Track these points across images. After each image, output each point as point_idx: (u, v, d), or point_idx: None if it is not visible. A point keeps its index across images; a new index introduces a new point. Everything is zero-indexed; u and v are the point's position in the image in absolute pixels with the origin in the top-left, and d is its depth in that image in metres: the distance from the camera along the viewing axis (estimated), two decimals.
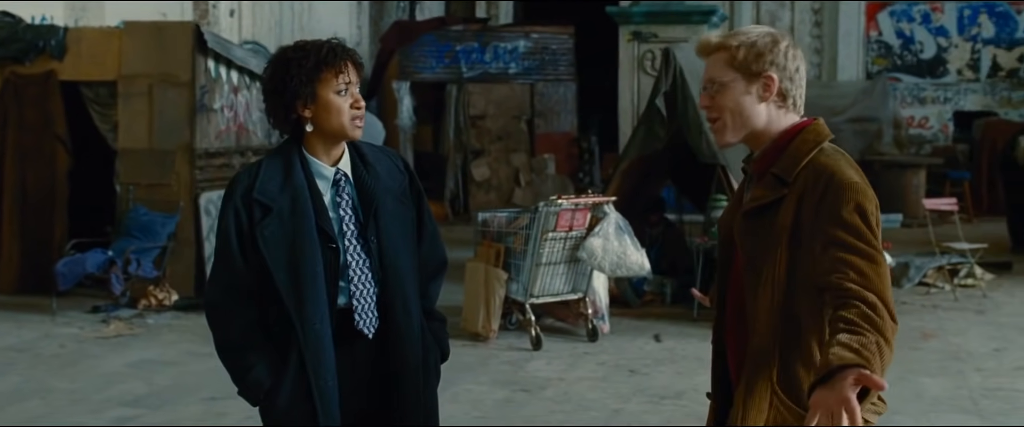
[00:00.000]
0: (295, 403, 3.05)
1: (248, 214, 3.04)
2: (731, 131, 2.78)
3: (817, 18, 19.00)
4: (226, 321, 3.10)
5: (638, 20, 12.94)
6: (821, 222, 2.59)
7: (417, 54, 16.07)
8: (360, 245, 3.12)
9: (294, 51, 3.09)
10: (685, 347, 8.35)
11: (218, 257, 3.12)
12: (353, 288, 3.10)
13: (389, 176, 3.20)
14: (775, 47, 2.73)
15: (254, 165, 3.13)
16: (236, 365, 3.10)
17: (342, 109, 3.04)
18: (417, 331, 3.20)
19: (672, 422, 6.46)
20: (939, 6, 18.58)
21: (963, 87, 18.59)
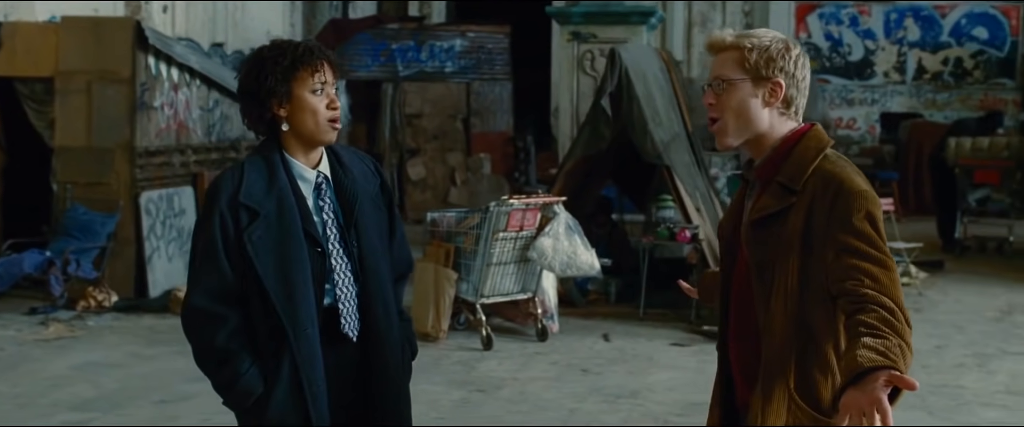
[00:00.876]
0: (288, 408, 3.02)
1: (234, 219, 2.99)
2: (733, 134, 2.80)
3: (748, 20, 19.23)
4: (213, 327, 3.01)
5: (577, 20, 12.96)
6: (833, 230, 2.63)
7: (353, 52, 15.95)
8: (342, 248, 3.11)
9: (270, 50, 3.06)
10: (635, 346, 8.40)
11: (203, 262, 3.03)
12: (338, 291, 3.09)
13: (364, 179, 3.20)
14: (787, 53, 2.76)
15: (237, 168, 3.08)
16: (223, 372, 3.02)
17: (317, 109, 3.02)
18: (396, 333, 3.22)
19: (629, 421, 6.50)
20: (866, 9, 18.91)
21: (889, 89, 18.96)
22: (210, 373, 3.08)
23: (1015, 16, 18.34)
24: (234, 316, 3.02)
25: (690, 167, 10.27)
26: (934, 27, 18.67)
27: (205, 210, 3.06)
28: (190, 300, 3.05)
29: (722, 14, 19.23)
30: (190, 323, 3.07)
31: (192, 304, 3.05)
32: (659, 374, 7.58)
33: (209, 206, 3.03)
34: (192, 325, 3.07)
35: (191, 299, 3.05)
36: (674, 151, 10.00)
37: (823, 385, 2.69)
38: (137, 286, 9.73)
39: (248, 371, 3.00)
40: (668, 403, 6.84)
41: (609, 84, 9.95)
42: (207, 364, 3.07)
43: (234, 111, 11.77)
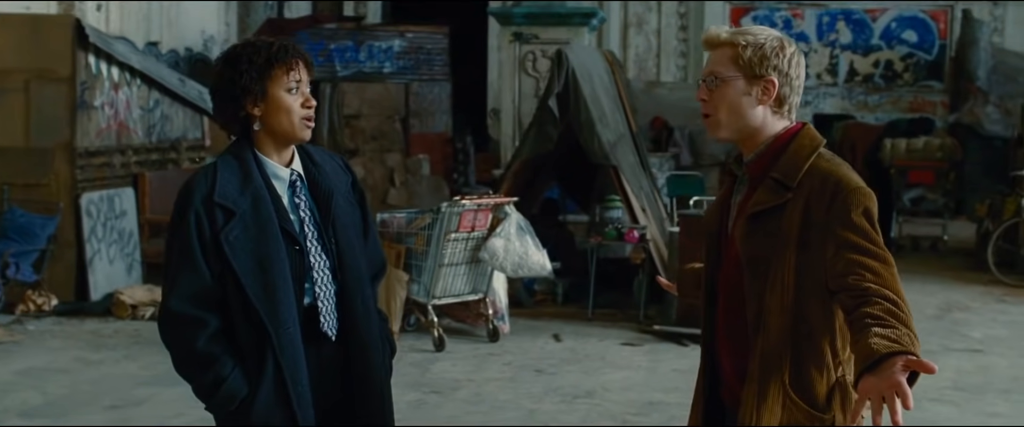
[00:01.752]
0: (273, 410, 2.98)
1: (210, 219, 2.94)
2: (724, 128, 2.83)
3: (683, 21, 19.40)
4: (192, 332, 2.95)
5: (519, 21, 12.96)
6: (832, 226, 2.65)
7: None
8: (320, 246, 3.08)
9: (244, 48, 3.03)
10: (585, 346, 8.42)
11: (179, 266, 2.96)
12: (317, 290, 3.07)
13: (336, 176, 3.18)
14: (781, 52, 2.77)
15: (209, 168, 3.03)
16: (206, 377, 2.96)
17: (292, 108, 3.00)
18: (377, 331, 3.20)
19: (588, 421, 6.51)
20: (799, 12, 19.17)
21: (822, 91, 19.22)
22: (192, 378, 3.02)
23: (943, 20, 18.71)
24: (214, 319, 2.96)
25: (635, 167, 10.33)
26: (865, 30, 18.98)
27: (178, 211, 2.99)
28: (168, 304, 2.98)
29: (658, 15, 19.37)
30: (169, 328, 3.01)
31: (170, 308, 2.97)
32: (613, 374, 7.60)
33: (183, 207, 2.97)
34: (171, 330, 3.00)
35: (169, 303, 2.97)
36: (620, 152, 10.05)
37: (818, 381, 2.71)
38: (78, 289, 9.53)
39: (232, 374, 2.95)
40: (625, 403, 6.86)
41: (556, 85, 9.96)
42: (188, 369, 3.01)
43: (174, 111, 11.60)
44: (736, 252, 2.81)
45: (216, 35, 17.18)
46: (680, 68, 19.40)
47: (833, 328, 2.72)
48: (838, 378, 2.71)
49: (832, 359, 2.71)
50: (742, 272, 2.79)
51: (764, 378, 2.73)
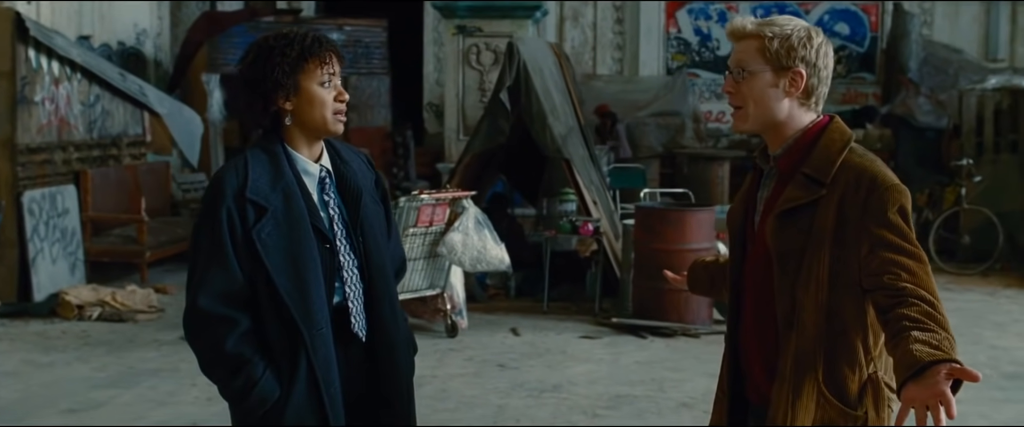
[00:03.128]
0: (305, 412, 2.90)
1: (241, 216, 2.85)
2: (751, 120, 2.80)
3: (619, 15, 19.40)
4: (223, 332, 2.86)
5: (462, 14, 12.89)
6: (867, 224, 2.64)
7: (227, 46, 15.53)
8: (349, 244, 3.01)
9: (276, 40, 2.94)
10: (544, 340, 8.39)
11: (209, 263, 2.87)
12: (347, 290, 2.99)
13: (362, 174, 3.10)
14: (809, 43, 2.73)
15: (239, 162, 2.93)
16: (237, 379, 2.87)
17: (326, 101, 2.93)
18: (403, 330, 3.14)
19: (558, 415, 6.48)
20: (734, 5, 19.29)
21: None
22: (220, 381, 2.93)
23: (875, 13, 18.95)
24: (244, 319, 2.88)
25: (585, 160, 10.34)
26: None
27: (209, 206, 2.90)
28: (195, 303, 2.88)
29: (594, 9, 19.34)
30: (196, 328, 2.91)
31: (198, 307, 2.87)
32: (577, 367, 7.58)
33: (214, 202, 2.88)
34: (198, 330, 2.90)
35: (197, 301, 2.87)
36: (571, 144, 10.04)
37: (851, 378, 2.70)
38: (20, 290, 9.27)
39: (264, 376, 2.87)
40: (593, 396, 6.84)
41: (507, 78, 9.92)
42: (217, 371, 2.92)
43: (115, 106, 11.35)
44: (763, 248, 2.79)
45: (149, 29, 16.80)
46: (616, 61, 19.41)
47: (865, 325, 2.72)
48: (870, 374, 2.70)
49: (864, 356, 2.71)
50: (770, 267, 2.77)
51: (798, 376, 2.71)
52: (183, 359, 7.69)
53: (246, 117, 3.03)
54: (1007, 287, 10.74)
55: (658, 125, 17.91)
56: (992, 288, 10.65)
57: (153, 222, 10.67)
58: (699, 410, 6.58)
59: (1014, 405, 6.70)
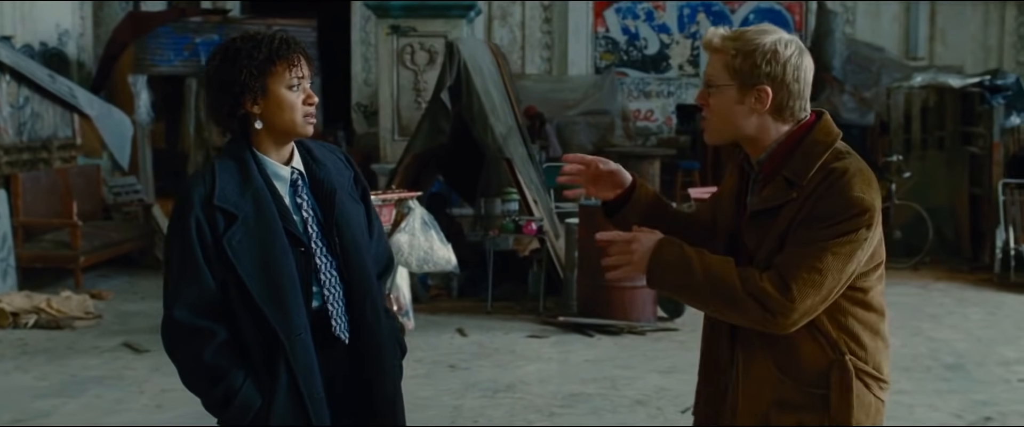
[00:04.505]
0: (289, 418, 2.87)
1: (210, 224, 2.81)
2: (717, 134, 2.80)
3: (547, 14, 19.47)
4: (199, 344, 2.83)
5: (396, 14, 12.82)
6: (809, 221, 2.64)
7: (153, 46, 15.25)
8: (325, 246, 2.97)
9: (243, 42, 2.88)
10: (493, 340, 8.38)
11: (181, 275, 2.84)
12: (326, 292, 2.96)
13: (338, 172, 3.07)
14: (775, 59, 2.69)
15: (206, 170, 2.89)
16: (217, 391, 2.85)
17: (294, 105, 2.88)
18: (387, 332, 3.10)
19: (515, 415, 6.48)
20: (661, 5, 19.47)
21: (684, 82, 19.56)
22: (201, 392, 2.90)
23: (799, 12, 19.27)
24: (221, 329, 2.84)
25: (525, 160, 10.35)
26: (724, 22, 19.38)
27: (177, 217, 2.86)
28: (171, 315, 2.85)
29: (522, 9, 19.41)
30: (173, 340, 2.88)
31: (174, 319, 2.84)
32: (527, 366, 7.59)
33: (182, 212, 2.84)
34: (175, 342, 2.88)
35: (172, 314, 2.84)
36: (511, 144, 10.04)
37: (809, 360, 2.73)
38: None
39: (244, 385, 2.84)
40: (547, 395, 6.86)
41: (448, 77, 9.89)
42: (197, 383, 2.89)
43: (45, 108, 11.10)
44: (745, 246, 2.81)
45: (71, 29, 16.45)
46: (544, 60, 19.49)
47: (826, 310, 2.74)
48: (837, 359, 2.72)
49: (825, 339, 2.72)
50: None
51: (750, 357, 2.77)
52: (127, 366, 7.56)
53: (213, 120, 2.99)
54: (938, 280, 10.98)
55: (588, 124, 18.01)
56: (924, 281, 10.87)
57: (86, 226, 10.45)
58: (653, 407, 6.63)
59: (959, 396, 6.84)
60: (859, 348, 2.75)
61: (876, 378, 2.76)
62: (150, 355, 7.82)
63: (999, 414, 6.48)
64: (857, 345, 2.75)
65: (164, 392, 6.91)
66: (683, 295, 2.79)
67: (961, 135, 12.17)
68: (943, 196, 12.18)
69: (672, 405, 6.63)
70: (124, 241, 11.11)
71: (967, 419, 6.39)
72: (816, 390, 2.72)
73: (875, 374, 2.76)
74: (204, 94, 2.97)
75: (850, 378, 2.72)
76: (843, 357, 2.72)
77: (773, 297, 2.59)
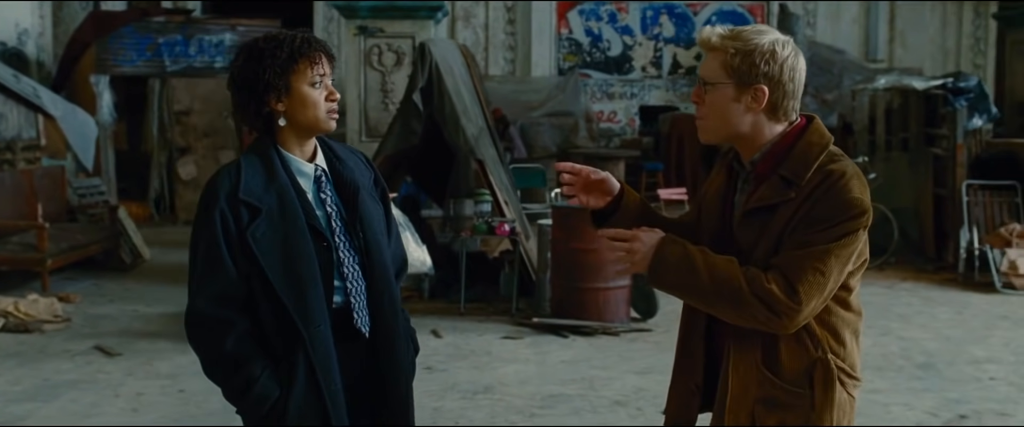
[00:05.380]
0: (306, 411, 2.93)
1: (235, 217, 2.88)
2: (712, 133, 2.82)
3: (510, 16, 19.50)
4: (220, 333, 2.90)
5: (364, 14, 12.77)
6: (809, 222, 2.67)
7: (116, 46, 15.12)
8: (348, 241, 3.03)
9: (266, 42, 2.95)
10: (468, 341, 8.38)
11: (205, 266, 2.91)
12: (348, 286, 3.01)
13: (359, 171, 3.13)
14: (773, 59, 2.72)
15: (232, 165, 2.97)
16: (236, 380, 2.92)
17: (317, 102, 2.95)
18: (404, 329, 3.16)
19: (495, 416, 6.48)
20: (624, 6, 19.55)
21: (647, 83, 19.66)
22: (221, 381, 2.97)
23: (760, 14, 19.42)
24: (242, 319, 2.92)
25: (496, 161, 10.36)
26: (687, 24, 19.52)
27: (203, 211, 2.93)
28: (194, 306, 2.93)
29: (485, 10, 19.43)
30: (196, 331, 2.95)
31: (197, 310, 2.92)
32: (505, 368, 7.59)
33: (207, 205, 2.92)
34: (198, 333, 2.95)
35: (195, 305, 2.92)
36: (483, 145, 10.04)
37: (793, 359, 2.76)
38: None
39: (263, 375, 2.91)
40: (526, 397, 6.86)
41: (420, 79, 9.88)
42: (217, 372, 2.96)
43: (9, 109, 10.96)
44: (738, 251, 2.81)
45: (30, 28, 16.25)
46: (508, 61, 19.51)
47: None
48: (820, 358, 2.76)
49: (810, 339, 2.75)
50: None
51: (739, 354, 2.79)
52: (100, 370, 7.49)
53: (239, 119, 3.05)
54: (904, 280, 11.11)
55: (552, 125, 18.06)
56: (890, 282, 11.00)
57: (51, 228, 10.33)
58: (633, 408, 6.65)
59: (933, 394, 6.93)
60: (840, 347, 2.79)
61: (851, 377, 2.81)
62: (123, 358, 7.75)
63: (974, 412, 6.57)
64: (838, 344, 2.79)
65: (139, 396, 6.85)
66: (686, 295, 2.80)
67: (924, 137, 12.32)
68: (907, 197, 12.33)
69: (651, 405, 6.66)
70: (90, 243, 11.00)
71: (943, 417, 6.47)
72: (799, 389, 2.76)
73: (851, 373, 2.81)
74: (230, 94, 3.00)
75: (833, 377, 2.76)
76: (826, 356, 2.76)
77: (780, 300, 2.62)
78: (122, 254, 11.55)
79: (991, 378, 7.36)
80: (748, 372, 2.78)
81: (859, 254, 2.75)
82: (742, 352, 2.78)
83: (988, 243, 10.90)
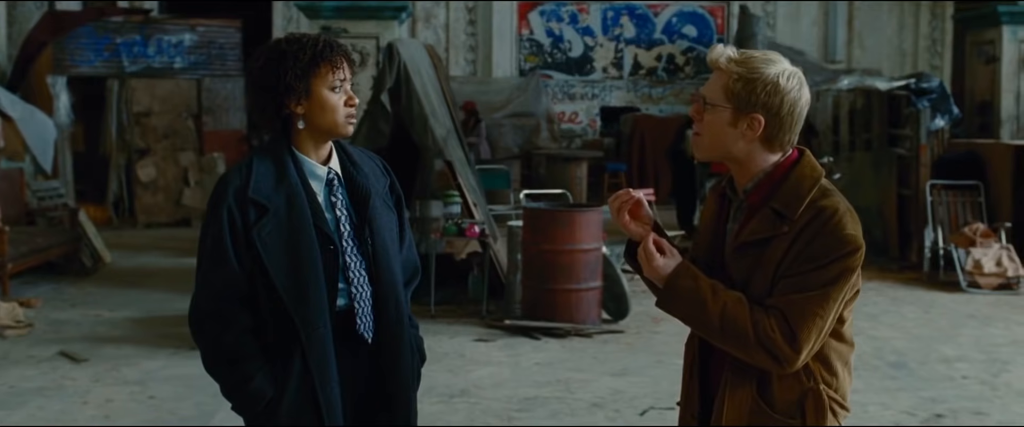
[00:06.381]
0: (299, 413, 2.91)
1: (242, 215, 2.88)
2: (706, 151, 2.81)
3: (471, 16, 19.47)
4: (221, 329, 2.91)
5: (328, 15, 12.71)
6: (804, 259, 2.66)
7: (73, 47, 14.92)
8: (356, 246, 3.01)
9: (288, 44, 2.95)
10: (439, 344, 8.31)
11: (210, 261, 2.93)
12: (353, 290, 2.99)
13: (374, 177, 3.12)
14: (774, 91, 2.69)
15: (244, 164, 2.97)
16: (232, 376, 2.93)
17: (337, 106, 2.94)
18: (409, 337, 3.15)
19: (473, 419, 6.44)
20: (585, 7, 19.56)
21: (608, 84, 19.70)
22: (218, 376, 2.97)
23: (720, 15, 19.51)
24: (244, 316, 2.92)
25: (463, 163, 10.29)
26: (648, 25, 19.56)
27: (212, 206, 2.94)
28: (198, 301, 2.95)
29: (447, 10, 19.37)
30: (198, 325, 2.96)
31: (200, 305, 2.94)
32: (479, 371, 7.54)
33: (216, 202, 2.92)
34: (200, 327, 2.96)
35: (199, 300, 2.95)
36: (451, 146, 9.99)
37: (787, 390, 2.75)
38: None
39: (257, 374, 2.90)
40: (503, 400, 6.81)
41: (387, 80, 9.80)
42: (215, 367, 2.97)
43: None
44: (730, 279, 2.80)
45: None
46: (469, 62, 19.48)
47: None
48: (811, 387, 2.74)
49: (803, 371, 2.74)
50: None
51: (735, 385, 2.78)
52: (65, 376, 7.35)
53: (256, 120, 3.05)
54: (869, 279, 11.16)
55: (514, 126, 18.05)
56: None
57: (11, 232, 10.14)
58: (611, 410, 6.62)
59: (908, 393, 6.95)
60: (832, 377, 2.78)
61: (842, 406, 2.81)
62: (90, 364, 7.62)
63: (950, 411, 6.60)
64: (830, 375, 2.78)
65: (109, 402, 6.73)
66: (694, 326, 2.80)
67: (888, 137, 12.40)
68: (871, 197, 12.41)
69: (629, 407, 6.64)
70: (51, 247, 10.82)
71: (920, 417, 6.50)
72: (791, 420, 2.75)
73: (842, 403, 2.80)
74: (247, 95, 3.02)
75: (825, 408, 2.75)
76: (818, 386, 2.75)
77: (782, 349, 2.63)
78: (83, 258, 11.37)
79: (964, 377, 7.40)
80: (743, 402, 2.77)
81: (852, 286, 2.74)
82: (737, 381, 2.78)
83: (952, 243, 10.99)
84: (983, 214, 11.43)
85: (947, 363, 7.78)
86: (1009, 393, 7.03)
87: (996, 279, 10.55)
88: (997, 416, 6.56)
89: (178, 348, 7.85)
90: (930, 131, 11.92)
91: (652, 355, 7.96)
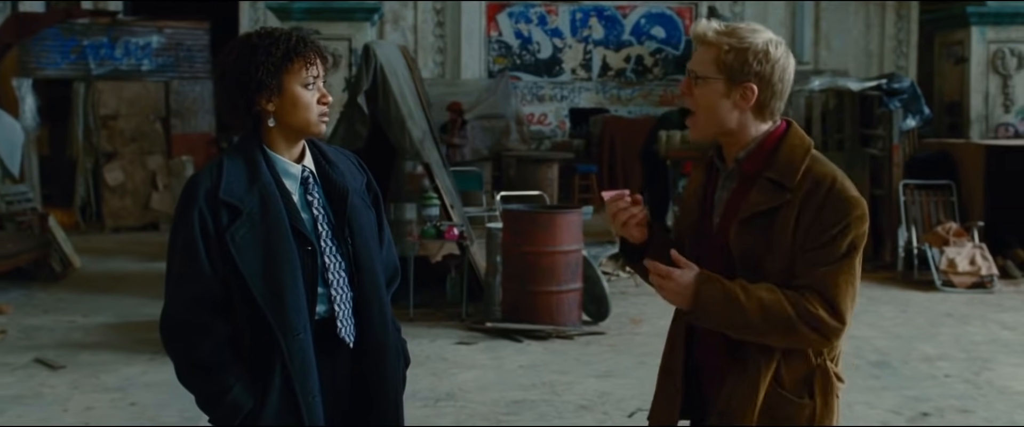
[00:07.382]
0: (281, 421, 2.80)
1: (214, 217, 2.75)
2: (702, 130, 2.82)
3: (439, 18, 19.40)
4: (195, 339, 2.77)
5: (299, 16, 12.63)
6: (818, 231, 2.68)
7: (39, 49, 14.73)
8: (336, 246, 2.90)
9: (260, 38, 2.82)
10: (421, 347, 8.25)
11: (181, 268, 2.78)
12: (333, 293, 2.88)
13: (350, 175, 3.00)
14: (766, 59, 2.73)
15: (214, 164, 2.84)
16: (208, 388, 2.79)
17: (309, 104, 2.83)
18: (393, 338, 3.04)
19: (461, 422, 6.39)
20: (554, 8, 19.55)
21: (577, 85, 19.69)
22: (194, 389, 2.84)
23: (689, 17, 19.54)
24: (219, 325, 2.79)
25: (440, 165, 10.25)
26: (616, 27, 19.58)
27: (181, 210, 2.79)
28: (169, 310, 2.80)
29: (415, 11, 19.29)
30: (170, 335, 2.82)
31: (171, 314, 2.79)
32: (463, 374, 7.49)
33: (186, 205, 2.78)
34: (172, 337, 2.82)
35: (170, 308, 2.79)
36: (428, 148, 9.93)
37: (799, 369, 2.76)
38: None
39: (236, 385, 2.77)
40: (489, 402, 6.77)
41: (364, 81, 9.73)
42: (190, 379, 2.83)
43: None
44: (721, 248, 2.82)
45: None
46: (438, 64, 19.40)
47: None
48: (818, 364, 2.76)
49: (811, 349, 2.76)
50: (727, 267, 2.79)
51: (750, 364, 2.77)
52: (43, 383, 7.23)
53: (226, 118, 2.93)
54: None
55: (483, 128, 18.00)
56: None
57: None
58: (598, 411, 6.60)
59: (892, 392, 6.98)
60: (832, 349, 2.80)
61: (840, 379, 2.83)
62: (67, 372, 7.50)
63: (936, 410, 6.63)
64: (831, 348, 2.79)
65: (89, 410, 6.63)
66: (733, 330, 2.75)
67: (860, 137, 12.47)
68: None
69: (616, 409, 6.62)
70: (20, 252, 10.66)
71: (906, 415, 6.52)
72: (800, 399, 2.76)
73: (840, 376, 2.83)
74: (216, 91, 2.88)
75: (832, 384, 2.78)
76: (825, 363, 2.77)
77: (826, 322, 2.64)
78: (53, 263, 11.21)
79: (946, 376, 7.44)
80: (750, 383, 2.75)
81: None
82: (740, 365, 2.77)
83: (926, 242, 11.06)
84: (955, 213, 11.51)
85: (929, 362, 7.82)
86: (992, 391, 7.07)
87: (970, 278, 10.63)
88: (982, 414, 6.59)
89: (156, 354, 7.75)
90: (902, 131, 11.99)
91: (635, 356, 7.94)
